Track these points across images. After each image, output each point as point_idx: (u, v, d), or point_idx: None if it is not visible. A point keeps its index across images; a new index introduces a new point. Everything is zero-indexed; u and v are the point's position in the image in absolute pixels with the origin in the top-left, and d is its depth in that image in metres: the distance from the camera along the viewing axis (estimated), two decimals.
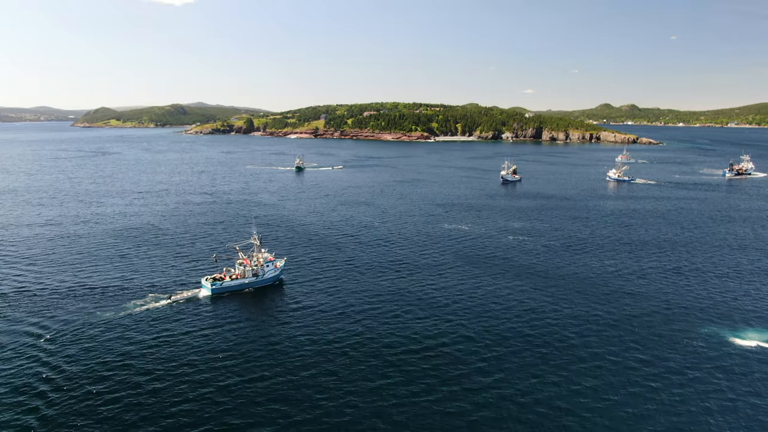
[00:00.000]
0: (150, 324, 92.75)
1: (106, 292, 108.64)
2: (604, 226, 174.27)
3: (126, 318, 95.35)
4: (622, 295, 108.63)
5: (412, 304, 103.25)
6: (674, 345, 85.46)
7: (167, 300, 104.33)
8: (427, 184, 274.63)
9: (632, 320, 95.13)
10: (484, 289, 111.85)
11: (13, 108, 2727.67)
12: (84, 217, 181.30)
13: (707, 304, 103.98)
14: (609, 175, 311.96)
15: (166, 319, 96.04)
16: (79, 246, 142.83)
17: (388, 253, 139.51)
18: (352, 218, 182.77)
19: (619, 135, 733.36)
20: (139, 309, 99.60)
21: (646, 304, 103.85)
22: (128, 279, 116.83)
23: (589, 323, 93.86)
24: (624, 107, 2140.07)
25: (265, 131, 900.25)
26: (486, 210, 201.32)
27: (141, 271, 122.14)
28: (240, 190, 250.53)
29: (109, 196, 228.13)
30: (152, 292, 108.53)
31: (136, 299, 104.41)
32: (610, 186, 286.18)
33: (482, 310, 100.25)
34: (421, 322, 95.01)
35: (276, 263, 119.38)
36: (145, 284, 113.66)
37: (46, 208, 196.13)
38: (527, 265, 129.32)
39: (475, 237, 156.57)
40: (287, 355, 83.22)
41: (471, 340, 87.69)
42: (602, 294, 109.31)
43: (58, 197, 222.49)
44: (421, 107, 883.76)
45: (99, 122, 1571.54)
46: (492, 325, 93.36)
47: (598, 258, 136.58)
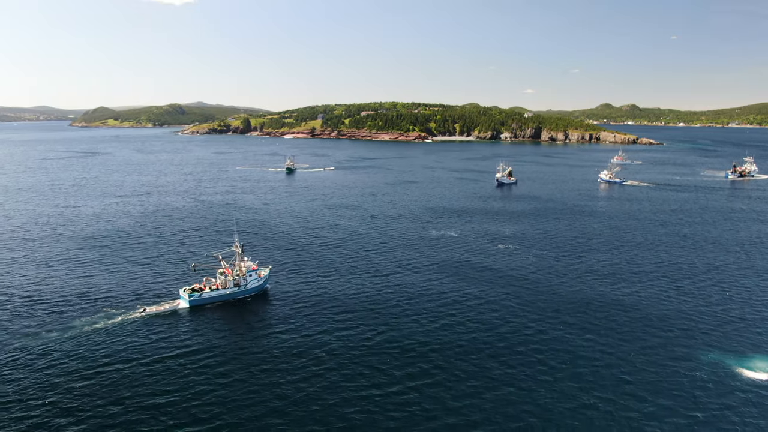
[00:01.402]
0: (114, 341, 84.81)
1: (66, 305, 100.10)
2: (595, 233, 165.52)
3: (87, 335, 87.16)
4: (615, 314, 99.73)
5: (388, 324, 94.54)
6: (675, 377, 76.46)
7: (140, 313, 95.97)
8: (420, 187, 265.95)
9: (627, 346, 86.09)
10: (466, 305, 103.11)
11: (12, 108, 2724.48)
12: (56, 222, 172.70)
13: (710, 326, 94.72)
14: (600, 176, 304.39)
15: (134, 333, 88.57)
16: (44, 253, 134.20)
17: (373, 263, 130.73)
18: (338, 224, 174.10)
19: (619, 135, 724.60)
20: (103, 324, 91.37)
21: (642, 325, 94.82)
22: (94, 290, 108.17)
23: (577, 352, 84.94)
24: (624, 107, 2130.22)
25: (262, 131, 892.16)
26: (478, 215, 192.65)
27: (109, 282, 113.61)
28: (225, 193, 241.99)
29: (88, 199, 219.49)
30: (122, 305, 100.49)
31: (102, 313, 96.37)
32: (601, 188, 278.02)
33: (464, 331, 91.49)
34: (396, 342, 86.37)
35: (260, 272, 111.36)
36: (114, 296, 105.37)
37: (17, 213, 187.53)
38: (515, 277, 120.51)
39: (464, 245, 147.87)
40: (271, 373, 76.56)
41: (445, 370, 79.07)
42: (593, 314, 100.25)
43: (33, 201, 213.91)
44: (420, 107, 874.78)
45: (97, 122, 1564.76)
46: (470, 350, 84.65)
47: (591, 271, 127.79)
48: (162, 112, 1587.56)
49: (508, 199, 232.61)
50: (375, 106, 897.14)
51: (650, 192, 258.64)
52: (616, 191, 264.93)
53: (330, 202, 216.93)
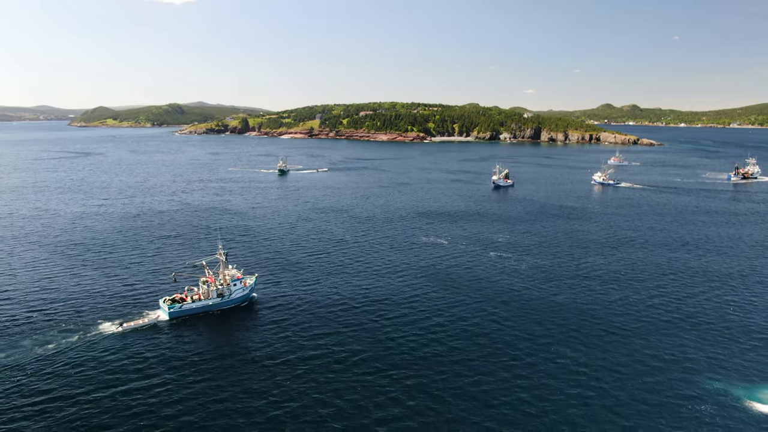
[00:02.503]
0: (86, 359, 77.77)
1: (35, 319, 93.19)
2: (590, 240, 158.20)
3: (55, 353, 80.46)
4: (609, 337, 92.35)
5: (373, 337, 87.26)
6: (678, 413, 69.12)
7: (117, 327, 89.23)
8: (413, 190, 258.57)
9: (621, 375, 78.63)
10: (446, 320, 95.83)
11: (12, 107, 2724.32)
12: (31, 227, 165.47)
13: (715, 349, 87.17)
14: (594, 178, 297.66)
15: (109, 350, 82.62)
16: (12, 261, 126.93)
17: (359, 273, 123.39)
18: (326, 230, 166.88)
19: (620, 136, 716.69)
20: (76, 339, 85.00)
21: (639, 347, 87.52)
22: (65, 303, 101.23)
23: (569, 381, 77.66)
24: (625, 107, 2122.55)
25: (260, 131, 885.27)
26: (472, 220, 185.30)
27: (82, 293, 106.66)
28: (213, 195, 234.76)
29: (69, 202, 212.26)
30: (96, 319, 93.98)
31: (73, 328, 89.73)
32: (595, 190, 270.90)
33: (445, 350, 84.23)
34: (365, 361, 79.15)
35: (245, 281, 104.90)
36: (87, 308, 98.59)
37: None
38: (506, 290, 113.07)
39: (453, 254, 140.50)
40: (256, 391, 71.75)
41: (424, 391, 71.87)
42: (587, 332, 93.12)
43: (11, 205, 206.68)
44: (419, 107, 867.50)
45: (96, 122, 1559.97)
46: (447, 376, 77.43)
47: (586, 282, 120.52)
48: (161, 112, 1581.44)
49: (503, 203, 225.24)
50: (374, 106, 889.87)
51: (645, 194, 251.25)
52: (609, 194, 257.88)
53: (320, 206, 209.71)
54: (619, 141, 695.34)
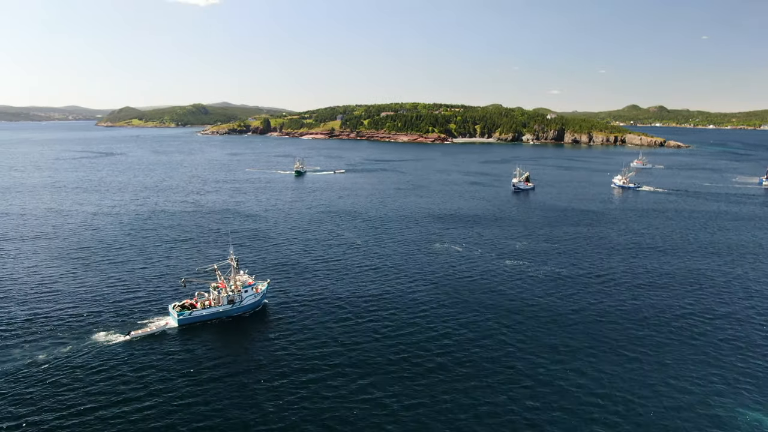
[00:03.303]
0: (93, 370, 73.82)
1: (37, 326, 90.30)
2: (612, 247, 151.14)
3: (57, 364, 76.95)
4: (630, 361, 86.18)
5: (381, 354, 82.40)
6: None
7: (125, 336, 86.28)
8: (431, 193, 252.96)
9: (644, 403, 72.61)
10: (458, 339, 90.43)
11: (43, 107, 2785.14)
12: (41, 230, 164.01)
13: (751, 378, 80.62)
14: (614, 181, 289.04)
15: (115, 359, 79.70)
16: (15, 265, 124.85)
17: (369, 281, 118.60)
18: (339, 236, 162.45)
19: (645, 137, 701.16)
20: (80, 349, 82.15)
21: (663, 373, 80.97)
22: (70, 310, 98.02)
23: (586, 409, 71.89)
24: (652, 108, 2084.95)
25: (282, 132, 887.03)
26: (489, 225, 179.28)
27: (90, 299, 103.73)
28: (228, 197, 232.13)
29: (84, 203, 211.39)
30: (103, 326, 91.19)
31: (77, 336, 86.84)
32: (614, 193, 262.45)
33: (450, 376, 78.93)
34: None
35: (257, 287, 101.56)
36: (94, 315, 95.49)
37: (5, 218, 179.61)
38: (520, 302, 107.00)
39: (468, 261, 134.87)
40: (265, 403, 68.66)
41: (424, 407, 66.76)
42: (607, 351, 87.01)
43: (26, 204, 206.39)
44: (441, 108, 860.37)
45: (121, 122, 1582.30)
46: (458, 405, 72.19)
47: (606, 293, 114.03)
48: (185, 112, 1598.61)
49: (523, 207, 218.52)
50: (395, 106, 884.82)
51: (670, 199, 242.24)
52: (630, 198, 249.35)
53: (334, 209, 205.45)
54: (645, 143, 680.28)
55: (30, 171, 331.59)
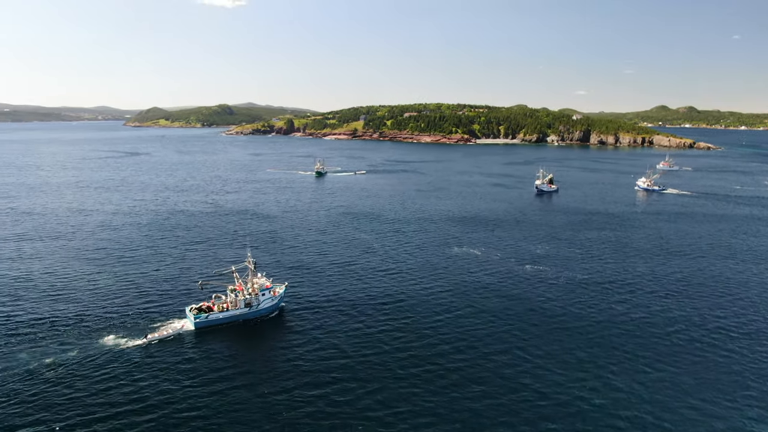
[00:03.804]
0: (107, 373, 72.73)
1: (54, 328, 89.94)
2: (637, 250, 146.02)
3: (72, 367, 76.58)
4: (657, 381, 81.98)
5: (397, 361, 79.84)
6: None
7: (142, 339, 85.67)
8: (451, 195, 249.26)
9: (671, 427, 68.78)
10: (473, 354, 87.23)
11: (74, 108, 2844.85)
12: (60, 229, 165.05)
13: None
14: (638, 184, 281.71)
15: (131, 362, 78.78)
16: (34, 266, 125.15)
17: (384, 285, 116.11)
18: (356, 239, 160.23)
19: (674, 139, 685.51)
20: (96, 352, 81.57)
21: (690, 391, 77.03)
22: (83, 312, 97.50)
23: (610, 426, 68.24)
24: (681, 109, 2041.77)
25: (305, 132, 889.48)
26: (510, 228, 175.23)
27: (105, 301, 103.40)
28: (247, 198, 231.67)
29: (104, 202, 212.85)
30: (119, 329, 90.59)
31: (92, 339, 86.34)
32: (638, 196, 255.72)
33: (463, 394, 75.92)
34: None
35: (274, 290, 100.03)
36: (110, 317, 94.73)
37: (25, 216, 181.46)
38: (539, 310, 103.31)
39: (486, 266, 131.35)
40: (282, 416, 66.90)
41: None
42: (630, 367, 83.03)
43: (49, 204, 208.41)
44: (465, 108, 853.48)
45: (149, 122, 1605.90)
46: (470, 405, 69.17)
47: (630, 302, 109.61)
48: (211, 113, 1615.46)
49: (545, 210, 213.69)
50: (419, 107, 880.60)
51: (698, 202, 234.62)
52: (654, 201, 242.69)
53: (353, 210, 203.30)
54: (674, 144, 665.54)
55: (55, 170, 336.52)
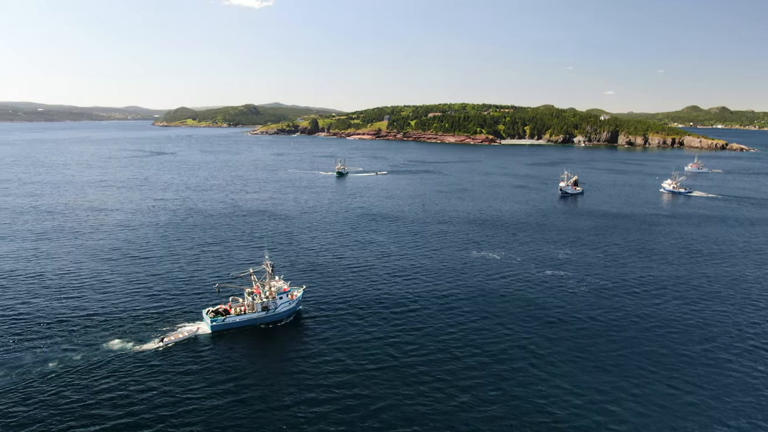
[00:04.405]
0: (119, 376, 71.53)
1: (67, 329, 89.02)
2: (664, 260, 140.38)
3: (83, 369, 75.64)
4: (686, 404, 77.36)
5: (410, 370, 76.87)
6: None
7: (157, 344, 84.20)
8: (473, 196, 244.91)
9: None
10: (486, 374, 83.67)
11: (105, 107, 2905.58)
12: (80, 228, 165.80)
13: None
14: (663, 186, 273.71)
15: (144, 365, 77.61)
16: (50, 265, 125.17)
17: (399, 290, 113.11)
18: (373, 241, 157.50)
19: (705, 140, 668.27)
20: (110, 354, 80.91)
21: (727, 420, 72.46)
22: (97, 313, 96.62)
23: None
24: (713, 109, 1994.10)
25: (329, 132, 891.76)
26: (532, 232, 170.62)
27: (121, 302, 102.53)
28: (266, 199, 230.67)
29: (125, 201, 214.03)
30: (132, 330, 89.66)
31: (105, 340, 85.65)
32: (663, 198, 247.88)
33: (474, 418, 72.49)
34: None
35: (292, 293, 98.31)
36: (124, 318, 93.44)
37: (48, 216, 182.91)
38: (558, 321, 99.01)
39: (505, 271, 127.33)
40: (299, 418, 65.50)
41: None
42: (655, 388, 78.61)
43: (71, 203, 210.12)
44: (490, 108, 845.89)
45: (176, 121, 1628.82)
46: None
47: (657, 314, 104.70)
48: (237, 113, 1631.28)
49: (569, 213, 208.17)
50: (443, 107, 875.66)
51: (729, 206, 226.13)
52: (680, 203, 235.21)
53: (372, 212, 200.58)
54: (705, 146, 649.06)
55: (81, 169, 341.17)
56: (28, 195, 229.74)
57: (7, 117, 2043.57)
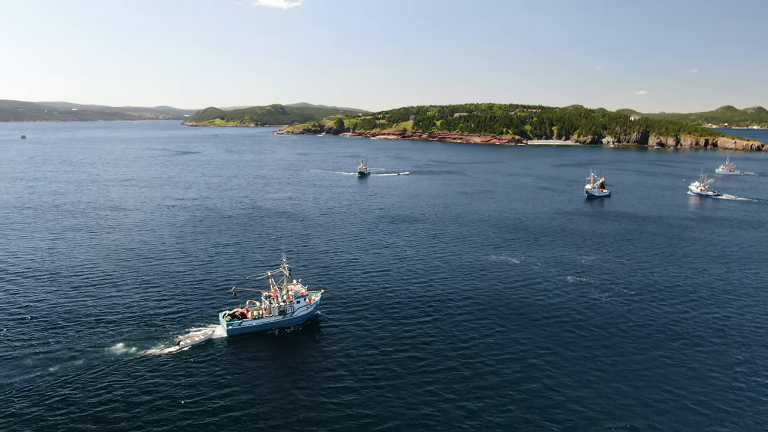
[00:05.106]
0: (132, 379, 70.19)
1: (80, 330, 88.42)
2: (697, 267, 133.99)
3: (95, 371, 74.55)
4: None
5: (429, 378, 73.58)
6: None
7: (174, 346, 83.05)
8: (496, 198, 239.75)
9: None
10: (499, 385, 79.74)
11: (137, 107, 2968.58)
12: (100, 226, 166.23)
13: None
14: (691, 188, 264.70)
15: (158, 371, 76.01)
16: (64, 263, 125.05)
17: (414, 295, 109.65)
18: (391, 244, 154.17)
19: (740, 141, 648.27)
20: (124, 356, 79.89)
21: None
22: (108, 314, 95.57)
23: None
24: (749, 110, 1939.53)
25: (354, 132, 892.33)
26: (554, 235, 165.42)
27: (134, 302, 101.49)
28: (286, 199, 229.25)
29: (146, 201, 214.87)
30: (149, 333, 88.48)
31: (120, 341, 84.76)
32: (690, 201, 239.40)
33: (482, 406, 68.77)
34: None
35: (310, 297, 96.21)
36: (137, 320, 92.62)
37: (69, 215, 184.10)
38: (577, 335, 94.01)
39: (524, 277, 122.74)
40: None
41: None
42: (684, 416, 73.89)
43: (93, 201, 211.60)
44: (517, 108, 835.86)
45: (205, 121, 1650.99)
46: None
47: (690, 333, 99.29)
48: (264, 113, 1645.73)
49: (594, 216, 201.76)
50: (470, 107, 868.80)
51: (758, 209, 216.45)
52: (708, 207, 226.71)
53: (392, 213, 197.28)
54: (740, 147, 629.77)
55: (107, 167, 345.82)
56: (53, 193, 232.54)
57: (43, 116, 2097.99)
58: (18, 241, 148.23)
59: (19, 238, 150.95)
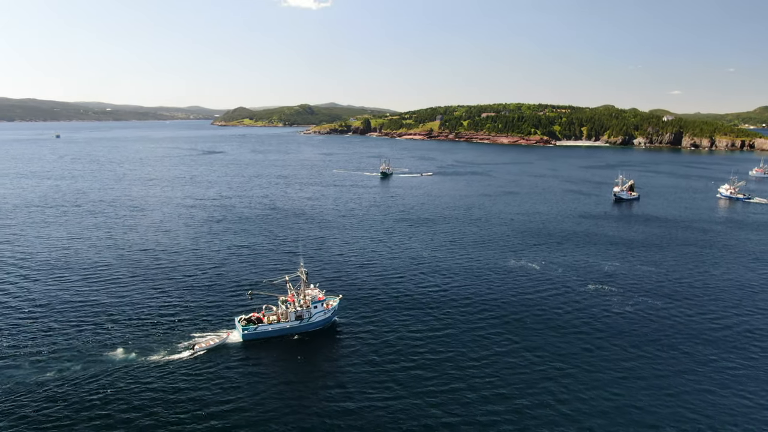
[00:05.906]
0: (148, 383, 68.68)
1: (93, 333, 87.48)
2: (729, 277, 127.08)
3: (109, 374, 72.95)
4: None
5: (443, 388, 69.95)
6: None
7: (190, 350, 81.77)
8: (521, 201, 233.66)
9: None
10: (511, 406, 75.35)
11: (169, 107, 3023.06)
12: (114, 231, 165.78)
13: None
14: (720, 191, 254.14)
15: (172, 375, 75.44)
16: (78, 264, 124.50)
17: (430, 300, 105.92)
18: (409, 248, 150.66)
19: None
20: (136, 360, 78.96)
21: None
22: (121, 316, 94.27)
23: None
24: None
25: (381, 132, 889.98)
26: (579, 240, 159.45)
27: (148, 306, 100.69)
28: (306, 200, 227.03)
29: (166, 201, 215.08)
30: (164, 336, 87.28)
31: (133, 345, 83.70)
32: (720, 205, 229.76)
33: None
34: None
35: (327, 302, 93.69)
36: (152, 322, 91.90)
37: (89, 215, 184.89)
38: (594, 346, 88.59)
39: (543, 284, 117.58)
40: None
41: None
42: None
43: (116, 201, 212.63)
44: (546, 109, 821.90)
45: (234, 121, 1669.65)
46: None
47: (720, 344, 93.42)
48: (292, 113, 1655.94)
49: (623, 220, 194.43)
50: (498, 107, 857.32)
51: None
52: (739, 211, 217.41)
53: (412, 216, 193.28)
54: None
55: (132, 166, 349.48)
56: (76, 192, 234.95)
57: (79, 116, 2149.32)
58: (34, 240, 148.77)
59: (35, 237, 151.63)
